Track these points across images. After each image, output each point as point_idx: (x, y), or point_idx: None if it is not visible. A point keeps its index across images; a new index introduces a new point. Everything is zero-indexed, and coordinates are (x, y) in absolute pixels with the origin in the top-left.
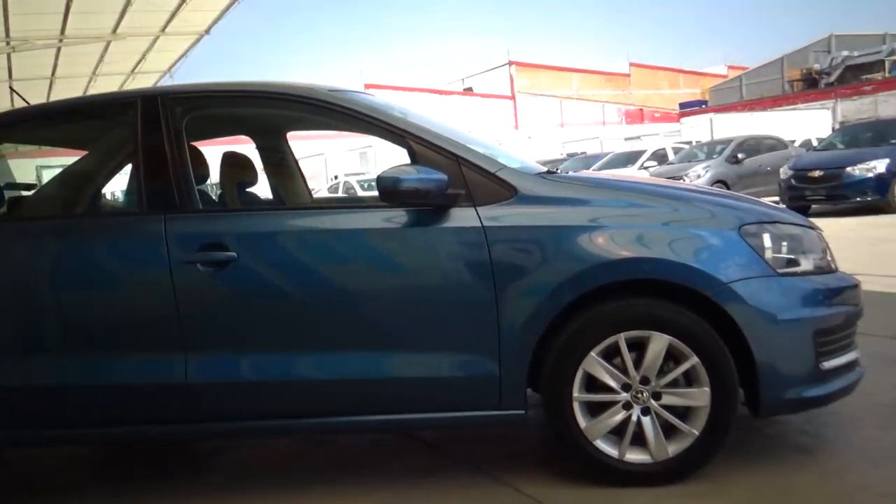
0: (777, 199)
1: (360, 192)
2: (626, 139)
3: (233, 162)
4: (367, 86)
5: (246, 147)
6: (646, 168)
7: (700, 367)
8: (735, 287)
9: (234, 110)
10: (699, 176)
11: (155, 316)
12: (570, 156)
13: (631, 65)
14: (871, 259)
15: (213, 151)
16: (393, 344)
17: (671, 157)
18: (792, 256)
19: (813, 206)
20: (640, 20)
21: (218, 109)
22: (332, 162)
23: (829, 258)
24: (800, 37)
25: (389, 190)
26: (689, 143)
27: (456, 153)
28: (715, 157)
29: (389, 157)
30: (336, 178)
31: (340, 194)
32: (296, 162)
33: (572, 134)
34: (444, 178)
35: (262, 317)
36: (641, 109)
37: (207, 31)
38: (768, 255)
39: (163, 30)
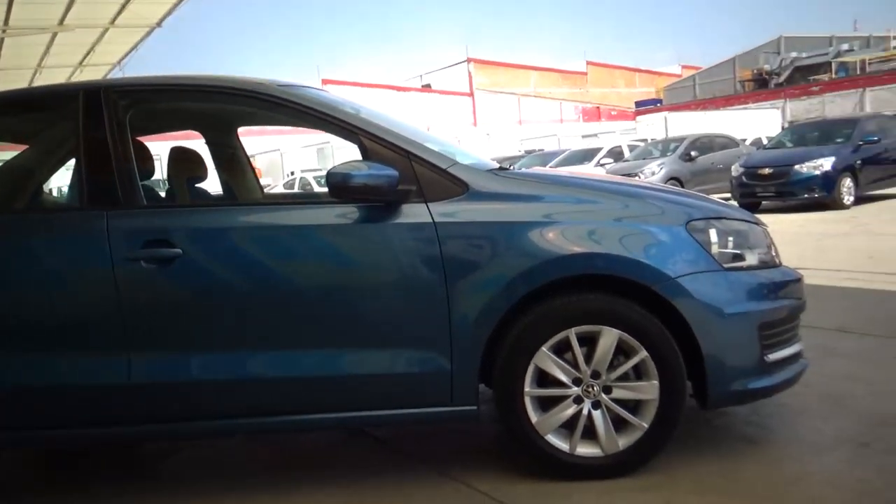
0: (729, 195)
1: (317, 189)
2: (584, 136)
3: (181, 157)
4: (325, 82)
5: (196, 142)
6: (602, 165)
7: (649, 361)
8: (682, 282)
9: (181, 105)
10: (654, 173)
11: (96, 315)
12: (528, 153)
13: (588, 63)
14: (816, 254)
15: (165, 147)
16: (345, 341)
17: (627, 154)
18: (738, 251)
19: (763, 202)
20: (596, 20)
21: (164, 104)
22: (288, 158)
23: (774, 253)
24: (752, 38)
25: (339, 186)
26: (645, 140)
27: (407, 149)
28: (669, 154)
29: (347, 153)
30: (293, 174)
31: (296, 190)
32: (247, 157)
33: (530, 131)
34: (395, 175)
35: (210, 315)
36: (598, 107)
37: (159, 24)
38: (714, 250)
39: (112, 22)
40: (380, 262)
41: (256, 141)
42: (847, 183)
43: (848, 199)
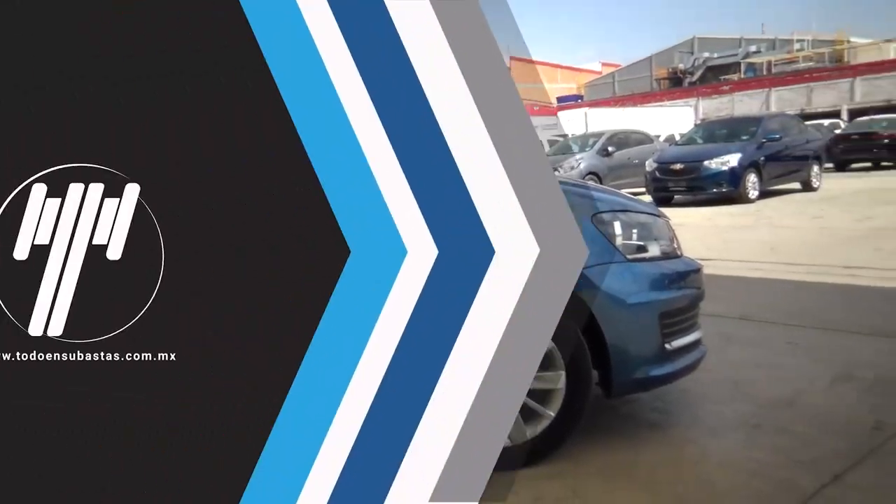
0: (644, 190)
1: None
2: None
3: None
4: None
5: None
6: None
7: (556, 351)
8: (588, 273)
9: None
10: (573, 168)
11: None
12: None
13: (511, 58)
14: (722, 245)
15: None
16: None
17: (547, 149)
18: (641, 243)
19: (675, 196)
20: (518, 16)
21: None
22: None
23: (676, 245)
24: (669, 37)
25: None
26: (566, 135)
27: None
28: (588, 149)
29: None
30: None
31: None
32: None
33: None
34: None
35: None
36: None
37: None
38: (619, 241)
39: None
40: None
41: None
42: (752, 178)
43: (753, 193)
